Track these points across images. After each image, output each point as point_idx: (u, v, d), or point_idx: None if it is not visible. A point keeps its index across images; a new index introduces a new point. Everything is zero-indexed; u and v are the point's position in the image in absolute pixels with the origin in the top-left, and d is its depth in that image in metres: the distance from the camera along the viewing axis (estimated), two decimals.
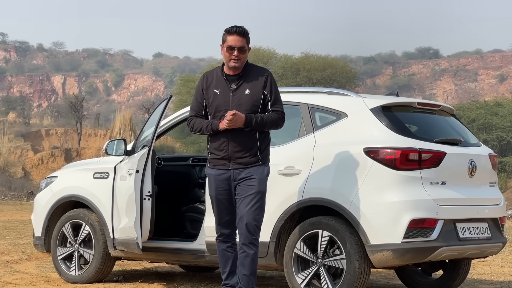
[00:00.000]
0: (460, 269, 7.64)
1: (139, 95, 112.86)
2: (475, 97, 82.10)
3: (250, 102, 6.25)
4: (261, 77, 6.29)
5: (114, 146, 7.81)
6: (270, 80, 6.30)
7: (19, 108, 68.94)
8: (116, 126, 39.86)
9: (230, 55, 6.26)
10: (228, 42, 6.26)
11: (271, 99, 6.28)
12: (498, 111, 45.16)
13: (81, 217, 8.12)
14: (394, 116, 6.93)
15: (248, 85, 6.28)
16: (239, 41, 6.25)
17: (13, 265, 9.57)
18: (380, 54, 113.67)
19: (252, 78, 6.29)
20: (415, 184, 6.59)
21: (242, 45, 6.26)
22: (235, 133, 6.22)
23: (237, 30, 6.25)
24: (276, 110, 6.28)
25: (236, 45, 6.24)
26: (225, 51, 6.28)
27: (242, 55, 6.26)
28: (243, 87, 6.29)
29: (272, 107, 6.28)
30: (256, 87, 6.26)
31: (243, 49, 6.27)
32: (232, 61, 6.26)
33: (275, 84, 6.35)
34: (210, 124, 6.28)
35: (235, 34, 6.25)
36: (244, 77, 6.31)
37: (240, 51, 6.25)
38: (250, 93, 6.27)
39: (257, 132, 6.27)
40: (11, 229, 15.03)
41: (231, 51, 6.26)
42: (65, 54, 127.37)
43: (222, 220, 6.43)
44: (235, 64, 6.26)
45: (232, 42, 6.25)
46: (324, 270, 6.73)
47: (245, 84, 6.29)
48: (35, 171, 41.49)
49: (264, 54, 51.86)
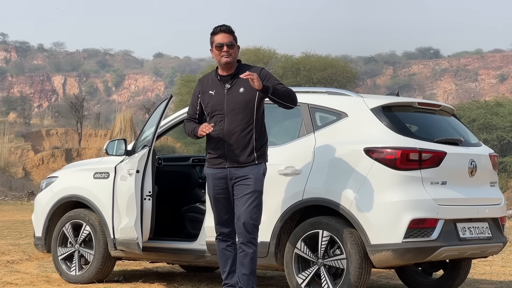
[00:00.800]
0: (461, 269, 7.64)
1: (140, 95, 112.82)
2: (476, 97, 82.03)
3: (244, 100, 6.28)
4: (255, 73, 6.28)
5: (114, 146, 7.81)
6: (265, 72, 6.33)
7: (19, 108, 68.91)
8: (116, 126, 39.83)
9: (221, 52, 6.30)
10: (216, 41, 6.33)
11: (273, 83, 6.24)
12: (498, 111, 45.10)
13: (82, 217, 8.12)
14: (394, 116, 6.93)
15: (242, 83, 6.30)
16: (226, 37, 6.31)
17: (14, 265, 9.57)
18: (381, 54, 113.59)
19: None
20: (415, 184, 6.59)
21: (230, 40, 6.31)
22: (230, 132, 6.25)
23: (222, 29, 6.34)
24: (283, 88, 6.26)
25: (224, 41, 6.30)
26: (216, 50, 6.33)
27: (232, 50, 6.31)
28: (237, 86, 6.32)
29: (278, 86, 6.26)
30: (250, 85, 6.26)
31: (232, 44, 6.31)
32: (224, 57, 6.30)
33: (270, 74, 6.34)
34: (193, 130, 6.38)
35: (221, 32, 6.33)
36: (238, 76, 6.33)
37: (229, 46, 6.30)
38: (244, 91, 6.29)
39: (253, 131, 6.28)
40: (12, 229, 15.03)
41: (220, 49, 6.30)
42: (66, 54, 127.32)
43: (221, 219, 6.45)
44: (227, 59, 6.29)
45: (220, 39, 6.31)
46: (324, 270, 6.74)
47: (239, 82, 6.32)
48: (35, 171, 41.46)
49: (264, 54, 51.79)
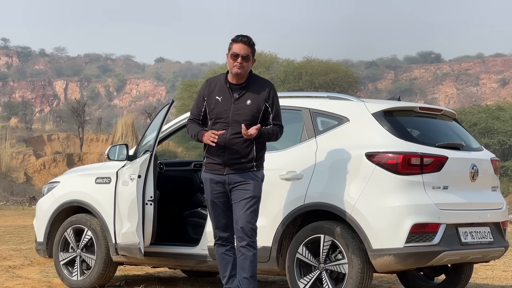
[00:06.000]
0: (463, 274, 7.64)
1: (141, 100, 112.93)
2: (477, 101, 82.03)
3: (250, 112, 6.29)
4: (264, 89, 6.35)
5: (116, 151, 7.82)
6: (273, 93, 6.38)
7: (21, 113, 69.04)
8: (118, 131, 39.83)
9: (234, 62, 6.31)
10: (233, 49, 6.34)
11: (273, 112, 6.36)
12: (499, 115, 45.10)
13: (83, 222, 8.12)
14: (396, 120, 6.93)
15: (250, 96, 6.33)
16: (243, 49, 6.31)
17: (16, 271, 9.57)
18: (382, 59, 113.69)
19: (255, 89, 6.35)
20: (417, 188, 6.59)
21: (247, 53, 6.31)
22: (233, 141, 6.27)
23: (243, 39, 6.35)
24: (277, 124, 6.38)
25: (240, 52, 6.31)
26: (230, 58, 6.35)
27: (245, 63, 6.32)
28: (245, 98, 6.33)
29: (274, 120, 6.37)
30: (258, 99, 6.31)
31: (247, 57, 6.32)
32: (235, 68, 6.31)
33: (277, 97, 6.42)
34: (197, 134, 6.37)
35: (240, 43, 6.34)
36: (247, 87, 6.36)
37: (244, 59, 6.31)
38: (251, 104, 6.31)
39: (255, 142, 6.31)
40: (13, 234, 15.02)
41: (235, 58, 6.32)
42: (67, 59, 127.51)
43: (219, 224, 6.46)
44: (238, 70, 6.30)
45: (237, 49, 6.32)
46: (326, 274, 6.73)
47: (247, 94, 6.34)
48: (37, 176, 41.47)
49: (266, 58, 51.83)
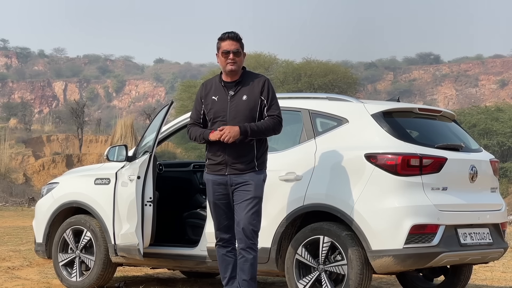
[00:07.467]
0: (462, 275, 7.64)
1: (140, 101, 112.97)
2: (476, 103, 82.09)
3: (247, 108, 6.28)
4: (258, 83, 6.33)
5: (115, 152, 7.81)
6: (267, 85, 6.34)
7: (20, 114, 69.05)
8: (117, 132, 39.85)
9: (226, 59, 6.31)
10: (222, 47, 6.34)
11: (267, 104, 6.30)
12: (499, 116, 45.17)
13: (83, 223, 8.12)
14: (395, 121, 6.93)
15: (245, 91, 6.31)
16: (232, 44, 6.31)
17: (15, 272, 9.57)
18: (381, 60, 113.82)
19: (250, 84, 6.33)
20: (416, 189, 6.59)
21: (237, 48, 6.32)
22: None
23: (230, 36, 6.34)
24: (271, 114, 6.28)
25: (230, 48, 6.31)
26: (221, 57, 6.34)
27: (237, 58, 6.32)
28: (241, 93, 6.32)
29: (268, 111, 6.30)
30: (253, 93, 6.29)
31: (238, 52, 6.32)
32: (229, 65, 6.31)
33: (272, 89, 6.37)
34: (202, 134, 6.34)
35: (228, 39, 6.34)
36: (242, 83, 6.35)
37: (235, 54, 6.31)
38: (247, 99, 6.29)
39: (255, 139, 6.29)
40: (13, 235, 15.02)
41: (226, 55, 6.31)
42: (66, 60, 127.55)
43: (221, 225, 6.45)
44: (232, 67, 6.30)
45: (227, 46, 6.31)
46: (325, 276, 6.73)
47: (242, 90, 6.32)
48: (36, 177, 41.50)
49: (265, 59, 51.91)
